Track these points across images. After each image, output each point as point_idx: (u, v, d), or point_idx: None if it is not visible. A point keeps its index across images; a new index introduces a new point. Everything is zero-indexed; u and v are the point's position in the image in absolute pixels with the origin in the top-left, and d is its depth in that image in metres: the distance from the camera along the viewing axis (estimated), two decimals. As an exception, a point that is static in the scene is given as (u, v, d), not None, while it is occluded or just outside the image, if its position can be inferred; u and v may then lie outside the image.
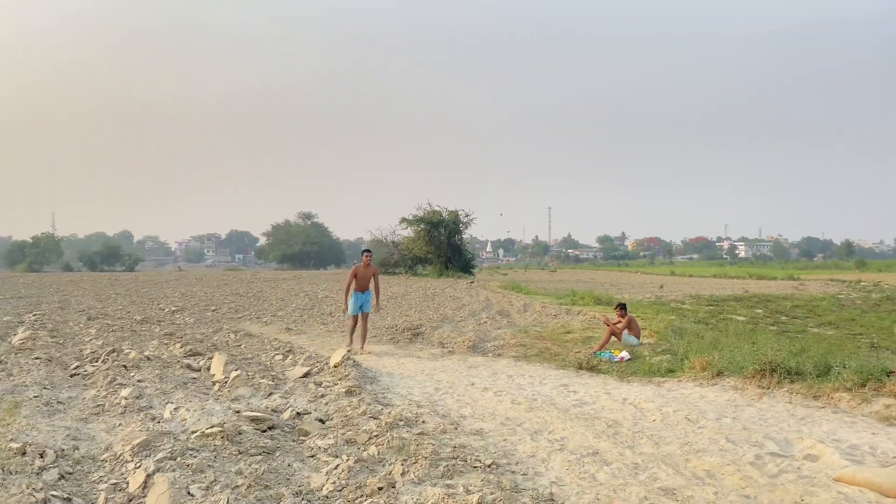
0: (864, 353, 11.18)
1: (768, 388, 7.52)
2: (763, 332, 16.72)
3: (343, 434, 5.44)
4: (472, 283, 35.49)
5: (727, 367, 8.51)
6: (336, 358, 8.93)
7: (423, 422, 6.09)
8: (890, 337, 18.43)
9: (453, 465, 4.54)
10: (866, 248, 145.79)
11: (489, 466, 4.68)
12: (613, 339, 11.66)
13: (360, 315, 12.02)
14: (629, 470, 4.81)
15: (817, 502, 4.15)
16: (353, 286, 11.96)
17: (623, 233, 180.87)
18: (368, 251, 12.56)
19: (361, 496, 4.08)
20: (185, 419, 5.87)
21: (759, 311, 22.93)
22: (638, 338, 11.91)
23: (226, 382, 7.69)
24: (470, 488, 3.93)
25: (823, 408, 6.82)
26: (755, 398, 7.32)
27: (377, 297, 12.47)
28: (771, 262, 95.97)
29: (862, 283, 32.35)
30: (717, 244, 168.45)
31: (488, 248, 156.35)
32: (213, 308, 20.42)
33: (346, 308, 12.11)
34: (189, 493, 4.01)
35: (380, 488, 4.15)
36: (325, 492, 4.22)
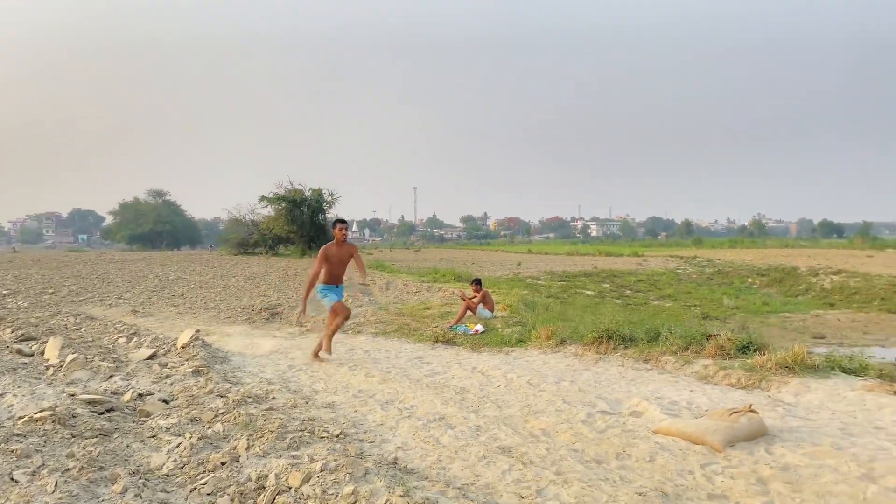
0: (694, 321, 12.25)
1: (604, 354, 8.13)
2: (608, 304, 17.93)
3: (187, 413, 5.30)
4: (335, 262, 35.10)
5: (570, 336, 9.08)
6: (184, 339, 8.62)
7: (274, 398, 6.05)
8: (719, 307, 20.35)
9: (300, 436, 4.57)
10: (703, 227, 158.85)
11: (337, 436, 4.75)
12: (469, 313, 12.07)
13: (337, 304, 8.38)
14: (472, 432, 5.06)
15: (636, 452, 4.58)
16: (322, 275, 8.28)
17: (485, 213, 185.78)
18: (343, 221, 8.47)
19: (203, 472, 4.02)
20: (11, 405, 5.47)
21: (607, 285, 24.46)
22: (492, 311, 12.39)
23: (61, 366, 7.22)
24: (315, 457, 3.98)
25: (651, 370, 7.48)
26: (592, 363, 7.89)
27: (363, 273, 8.93)
28: (619, 240, 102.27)
29: (697, 259, 35.26)
30: (571, 224, 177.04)
31: (354, 228, 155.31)
32: (50, 291, 18.92)
33: (305, 310, 8.66)
34: (12, 479, 3.78)
35: (223, 463, 4.10)
36: (165, 470, 4.11)
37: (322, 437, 4.64)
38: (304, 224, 41.88)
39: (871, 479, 4.02)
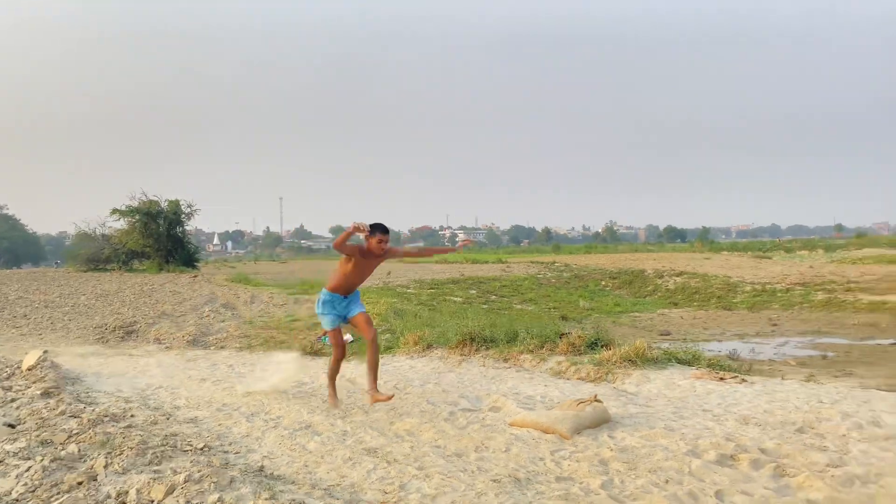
0: (551, 322, 12.97)
1: (468, 356, 8.51)
2: (474, 309, 18.54)
3: (38, 436, 5.03)
4: (195, 277, 33.73)
5: (436, 341, 9.40)
6: (30, 361, 8.08)
7: (132, 416, 5.86)
8: (576, 308, 21.58)
9: (162, 451, 4.50)
10: (562, 234, 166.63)
11: (201, 449, 4.72)
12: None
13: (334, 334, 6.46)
14: (338, 437, 5.19)
15: (493, 444, 4.90)
16: (335, 277, 6.32)
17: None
18: (385, 231, 6.19)
19: (58, 493, 3.87)
20: None
21: (474, 291, 25.20)
22: (360, 321, 12.51)
23: None
24: (178, 470, 3.96)
25: (510, 368, 7.93)
26: (456, 365, 8.24)
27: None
28: (485, 247, 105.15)
29: (556, 264, 37.00)
30: (440, 232, 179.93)
31: (215, 241, 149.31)
32: None
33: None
34: None
35: (79, 483, 3.97)
36: (14, 495, 3.92)
37: (185, 451, 4.59)
38: (160, 237, 39.87)
39: (695, 455, 4.56)
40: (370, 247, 6.12)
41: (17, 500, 3.88)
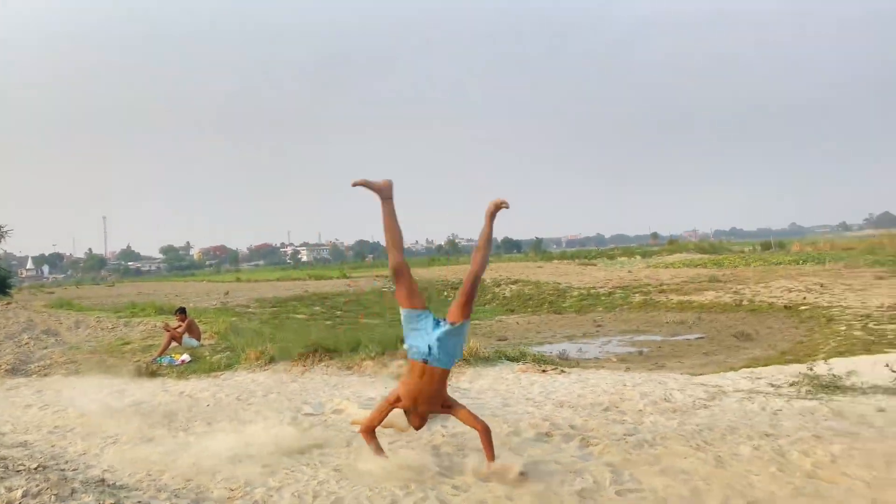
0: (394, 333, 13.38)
1: (311, 367, 8.73)
2: (319, 326, 18.59)
3: None
4: (8, 304, 30.82)
5: (279, 355, 9.51)
6: None
7: (-50, 446, 5.55)
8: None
9: (-9, 475, 4.38)
10: (405, 248, 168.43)
11: (35, 469, 4.62)
12: (174, 343, 11.78)
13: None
14: (181, 447, 5.27)
15: (335, 441, 5.24)
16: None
17: (188, 242, 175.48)
18: None
19: None
20: None
21: (318, 308, 25.16)
22: (199, 340, 12.24)
23: None
24: (13, 487, 3.91)
25: (352, 375, 8.27)
26: (299, 375, 8.45)
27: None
28: (329, 263, 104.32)
29: (398, 278, 37.62)
30: (281, 250, 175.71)
31: (29, 265, 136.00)
32: None
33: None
34: None
35: None
36: None
37: (18, 471, 4.48)
38: (-35, 262, 36.01)
39: (516, 434, 5.16)
40: None
41: None
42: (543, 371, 7.74)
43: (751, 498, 3.87)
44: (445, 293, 30.24)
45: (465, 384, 7.45)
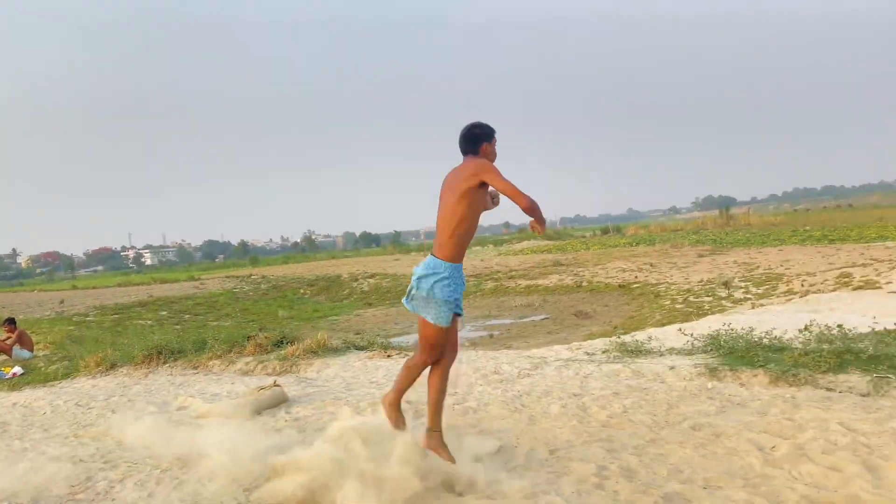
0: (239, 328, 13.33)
1: (155, 368, 8.65)
2: (165, 331, 17.99)
3: None
4: None
5: (121, 360, 9.30)
6: None
7: None
8: (276, 319, 21.99)
9: None
10: (259, 247, 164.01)
11: None
12: (4, 357, 11.12)
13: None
14: (17, 455, 5.20)
15: (180, 435, 5.37)
16: (467, 240, 3.99)
17: (14, 249, 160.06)
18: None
19: None
20: None
21: (165, 312, 24.21)
22: (31, 351, 11.61)
23: None
24: None
25: (198, 373, 8.30)
26: (143, 377, 8.35)
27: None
28: (176, 266, 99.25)
29: (253, 277, 36.92)
30: (122, 254, 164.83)
31: None
32: None
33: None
34: None
35: None
36: None
37: None
38: None
39: (357, 412, 5.55)
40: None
41: None
42: (388, 356, 8.18)
43: (553, 446, 4.50)
44: (301, 290, 30.05)
45: (312, 374, 7.74)
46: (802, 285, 16.51)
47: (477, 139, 3.87)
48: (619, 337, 7.77)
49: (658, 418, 5.00)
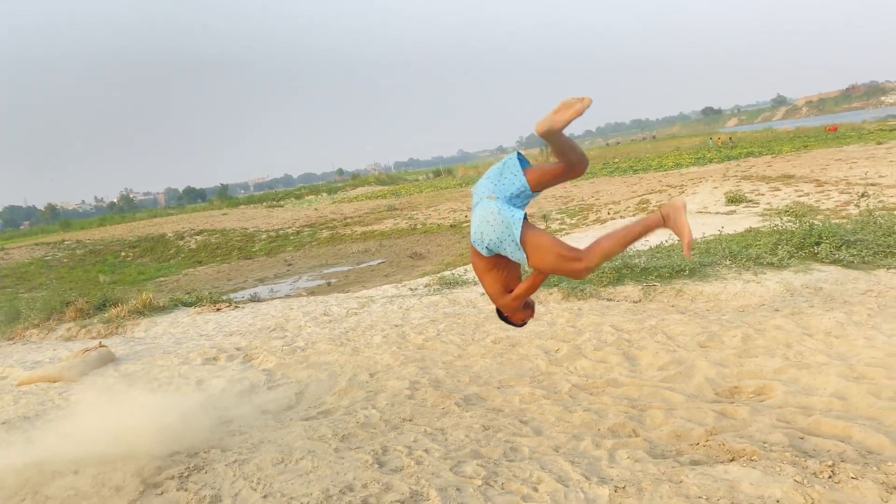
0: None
1: (-37, 344, 8.17)
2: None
3: None
4: None
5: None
6: None
7: None
8: (97, 285, 20.77)
9: None
10: (71, 210, 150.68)
11: None
12: None
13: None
14: None
15: (2, 403, 5.30)
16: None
17: None
18: None
19: None
20: None
21: (-38, 286, 22.06)
22: None
23: None
24: None
25: (15, 344, 7.96)
26: (-50, 355, 7.88)
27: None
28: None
29: (66, 242, 34.23)
30: None
31: None
32: None
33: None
34: None
35: None
36: None
37: None
38: None
39: (185, 363, 5.75)
40: None
41: None
42: (218, 310, 8.30)
43: (373, 370, 5.02)
44: (122, 253, 28.44)
45: (140, 333, 7.72)
46: (609, 213, 18.28)
47: None
48: (438, 273, 8.42)
49: (466, 337, 5.67)
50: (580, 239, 11.97)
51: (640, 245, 9.03)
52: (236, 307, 8.37)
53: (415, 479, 3.12)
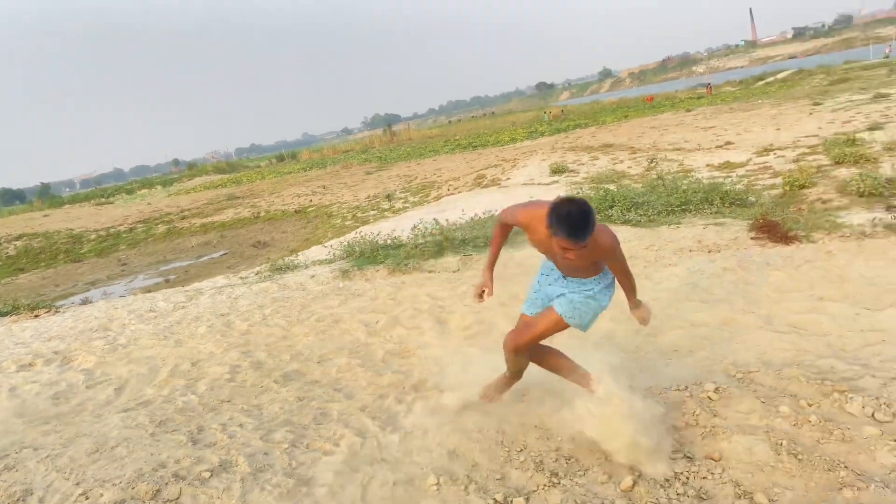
0: None
1: None
2: None
3: None
4: None
5: None
6: None
7: None
8: None
9: None
10: None
11: None
12: None
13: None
14: None
15: None
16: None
17: None
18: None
19: None
20: None
21: None
22: None
23: None
24: None
25: None
26: None
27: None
28: None
29: None
30: None
31: None
32: None
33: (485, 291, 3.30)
34: None
35: None
36: None
37: None
38: None
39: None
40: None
41: None
42: (37, 316, 7.92)
43: (195, 360, 5.13)
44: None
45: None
46: (449, 190, 18.96)
47: None
48: (269, 259, 8.52)
49: (292, 318, 5.89)
50: (411, 217, 12.45)
51: (459, 218, 9.63)
52: (57, 312, 8.02)
53: (225, 450, 3.35)
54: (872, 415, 3.01)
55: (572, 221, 2.54)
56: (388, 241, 8.14)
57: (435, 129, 63.56)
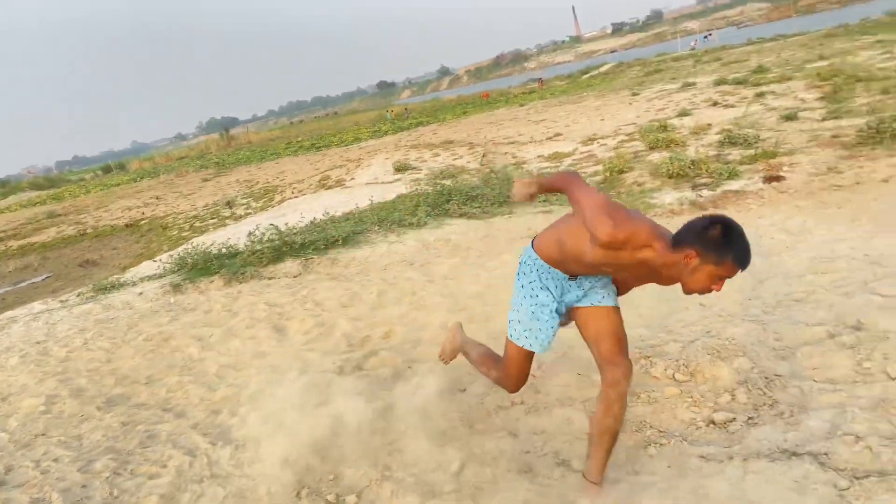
0: None
1: None
2: None
3: None
4: None
5: None
6: None
7: None
8: None
9: None
10: None
11: None
12: None
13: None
14: None
15: None
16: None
17: None
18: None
19: None
20: None
21: None
22: None
23: None
24: None
25: None
26: None
27: None
28: None
29: None
30: None
31: None
32: None
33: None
34: None
35: None
36: None
37: None
38: None
39: None
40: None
41: None
42: None
43: (5, 394, 4.68)
44: None
45: None
46: (293, 193, 18.54)
47: None
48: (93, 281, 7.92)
49: (117, 340, 5.52)
50: (249, 224, 12.08)
51: (298, 221, 9.46)
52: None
53: (38, 488, 3.09)
54: (673, 376, 3.31)
55: (749, 250, 2.18)
56: (224, 250, 7.83)
57: (276, 131, 61.94)
